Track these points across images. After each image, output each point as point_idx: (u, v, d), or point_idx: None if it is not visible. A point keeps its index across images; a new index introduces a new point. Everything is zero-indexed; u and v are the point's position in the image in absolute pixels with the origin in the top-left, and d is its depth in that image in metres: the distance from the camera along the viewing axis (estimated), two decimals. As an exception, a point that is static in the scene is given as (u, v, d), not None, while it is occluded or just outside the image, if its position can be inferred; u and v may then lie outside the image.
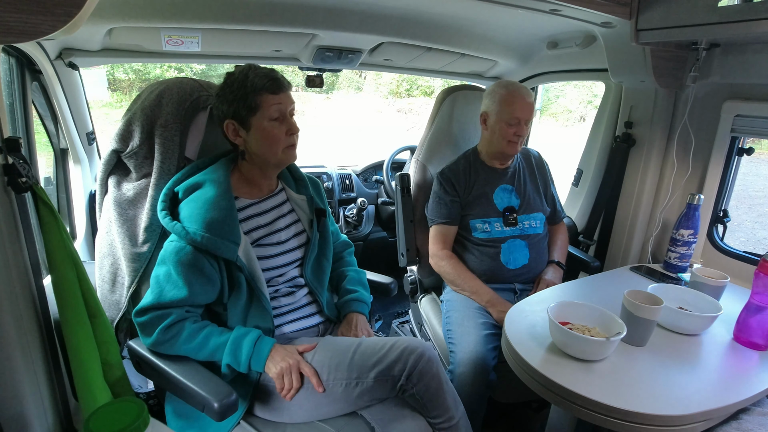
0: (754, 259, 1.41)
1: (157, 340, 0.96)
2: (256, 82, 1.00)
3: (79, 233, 1.64)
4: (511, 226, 1.50)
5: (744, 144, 1.47)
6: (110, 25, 1.36)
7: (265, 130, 1.03)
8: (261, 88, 1.00)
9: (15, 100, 1.27)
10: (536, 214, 1.54)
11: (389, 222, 2.49)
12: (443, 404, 0.98)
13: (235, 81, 1.01)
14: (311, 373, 0.98)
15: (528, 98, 1.44)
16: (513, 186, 1.54)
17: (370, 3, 1.45)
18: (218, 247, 0.97)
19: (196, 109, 1.14)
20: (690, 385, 0.91)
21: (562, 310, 1.06)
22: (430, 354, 0.98)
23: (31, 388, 0.85)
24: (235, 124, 1.03)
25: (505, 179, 1.54)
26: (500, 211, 1.50)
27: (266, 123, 1.02)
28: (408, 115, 10.12)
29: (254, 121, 1.02)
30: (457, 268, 1.48)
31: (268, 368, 0.99)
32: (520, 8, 1.22)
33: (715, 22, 1.07)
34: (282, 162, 1.09)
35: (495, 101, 1.46)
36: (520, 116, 1.42)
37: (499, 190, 1.52)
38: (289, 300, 1.13)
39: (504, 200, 1.52)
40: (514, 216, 1.50)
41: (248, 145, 1.05)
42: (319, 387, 0.96)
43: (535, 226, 1.52)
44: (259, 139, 1.03)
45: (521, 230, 1.50)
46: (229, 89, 1.02)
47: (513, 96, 1.43)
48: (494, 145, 1.49)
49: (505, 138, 1.45)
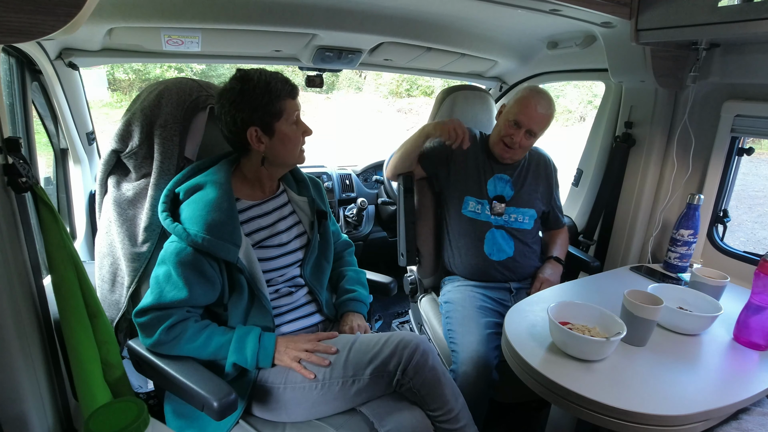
0: (754, 259, 1.41)
1: (159, 341, 0.96)
2: (279, 87, 1.01)
3: (79, 233, 1.64)
4: (496, 215, 1.50)
5: (744, 144, 1.47)
6: (110, 25, 1.36)
7: (287, 134, 1.04)
8: (284, 93, 1.02)
9: (15, 100, 1.27)
10: (527, 210, 1.53)
11: (389, 222, 2.49)
12: (441, 397, 0.99)
13: (256, 87, 0.99)
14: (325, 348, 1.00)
15: (541, 109, 1.41)
16: (511, 177, 1.53)
17: (370, 3, 1.45)
18: (219, 249, 0.97)
19: (196, 109, 1.13)
20: (690, 385, 0.91)
21: (562, 310, 1.06)
22: (425, 347, 0.98)
23: (31, 388, 0.85)
24: (259, 131, 1.02)
25: (505, 169, 1.54)
26: (490, 198, 1.51)
27: (288, 128, 1.04)
28: (408, 115, 10.11)
29: (278, 126, 1.03)
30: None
31: (279, 360, 1.00)
32: (520, 8, 1.22)
33: (715, 22, 1.07)
34: (298, 163, 1.12)
35: (513, 97, 1.48)
36: (521, 120, 1.41)
37: (495, 177, 1.53)
38: (289, 300, 1.13)
39: (497, 188, 1.52)
40: (501, 206, 1.50)
41: (270, 150, 1.05)
42: (324, 361, 0.98)
43: (522, 221, 1.52)
44: (283, 143, 1.05)
45: (506, 222, 1.51)
46: (250, 95, 0.99)
47: (527, 99, 1.42)
48: (493, 138, 1.51)
49: (500, 135, 1.47)
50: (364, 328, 1.16)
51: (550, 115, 1.45)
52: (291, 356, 1.00)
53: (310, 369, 0.98)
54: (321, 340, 1.03)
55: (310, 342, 1.02)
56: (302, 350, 1.00)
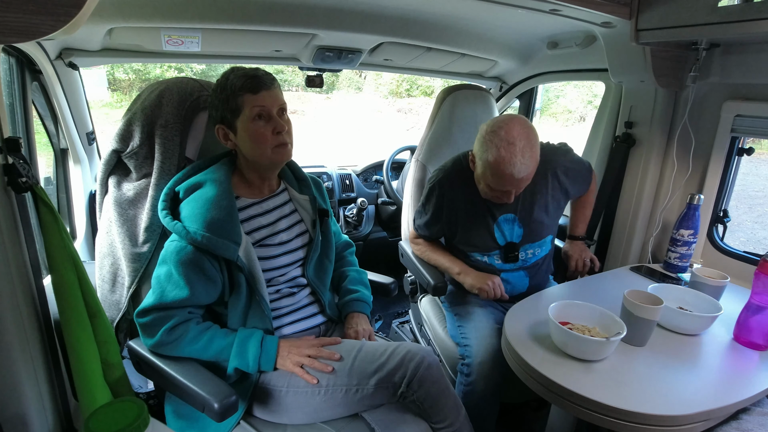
0: (754, 259, 1.41)
1: (161, 341, 0.96)
2: (236, 83, 0.97)
3: (79, 233, 1.64)
4: (511, 262, 1.38)
5: (744, 144, 1.47)
6: (110, 25, 1.36)
7: (249, 130, 0.99)
8: (240, 88, 0.97)
9: (15, 100, 1.27)
10: (542, 241, 1.40)
11: (389, 222, 2.49)
12: (444, 410, 0.98)
13: (218, 85, 1.00)
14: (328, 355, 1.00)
15: (520, 173, 1.15)
16: (516, 215, 1.35)
17: (370, 3, 1.45)
18: (219, 246, 0.96)
19: (197, 109, 1.13)
20: (690, 385, 0.92)
21: (562, 310, 1.06)
22: (430, 360, 0.97)
23: (31, 388, 0.85)
24: (225, 129, 1.03)
25: (508, 207, 1.33)
26: (500, 246, 1.37)
27: (250, 124, 0.99)
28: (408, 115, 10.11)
29: (239, 123, 1.00)
30: (433, 247, 1.48)
31: (282, 364, 0.99)
32: (520, 8, 1.22)
33: (715, 22, 1.07)
34: (275, 162, 1.05)
35: (481, 155, 1.20)
36: (503, 188, 1.22)
37: (501, 220, 1.35)
38: (290, 301, 1.12)
39: (506, 234, 1.36)
40: (515, 254, 1.36)
41: (239, 148, 1.05)
42: (327, 367, 0.98)
43: (538, 254, 1.41)
44: (246, 140, 1.01)
45: (523, 262, 1.39)
46: (214, 94, 1.01)
47: (500, 167, 1.15)
48: (480, 189, 1.30)
49: (485, 194, 1.30)
50: (369, 333, 1.16)
51: (533, 164, 1.18)
52: (293, 361, 0.99)
53: (313, 374, 0.98)
54: (324, 345, 1.03)
55: (313, 347, 1.01)
56: (305, 356, 1.00)
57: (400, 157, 2.51)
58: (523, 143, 1.15)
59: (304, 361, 0.99)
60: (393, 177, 2.50)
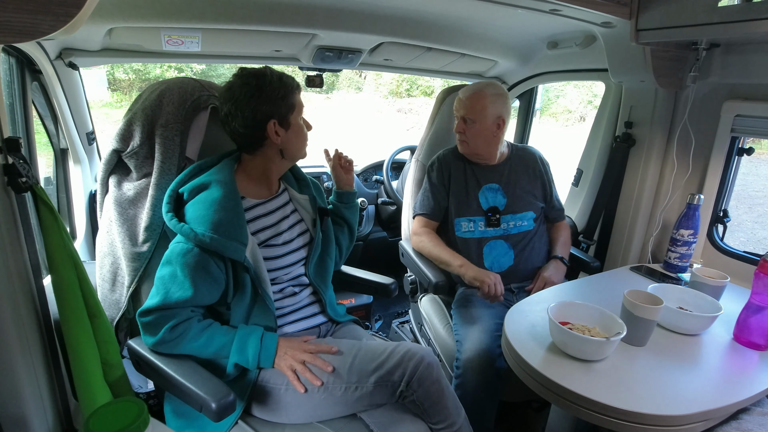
0: (754, 259, 1.41)
1: (162, 339, 0.96)
2: (290, 82, 1.05)
3: (79, 233, 1.64)
4: (493, 227, 1.50)
5: (744, 144, 1.47)
6: (110, 25, 1.36)
7: (299, 127, 1.09)
8: (296, 87, 1.06)
9: (15, 100, 1.27)
10: (524, 214, 1.52)
11: (389, 222, 2.49)
12: (444, 410, 0.98)
13: (272, 81, 1.03)
14: (323, 363, 0.99)
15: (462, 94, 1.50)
16: (500, 185, 1.53)
17: (370, 3, 1.45)
18: (226, 247, 0.97)
19: (197, 109, 1.14)
20: (690, 385, 0.91)
21: (562, 310, 1.06)
22: (430, 359, 0.97)
23: (31, 388, 0.85)
24: (276, 124, 1.04)
25: (493, 177, 1.53)
26: (484, 211, 1.51)
27: (299, 120, 1.09)
28: (408, 115, 10.11)
29: (292, 119, 1.06)
30: (435, 241, 1.52)
31: (277, 364, 1.00)
32: (520, 8, 1.22)
33: (715, 22, 1.07)
34: (303, 157, 1.14)
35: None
36: (456, 112, 1.52)
37: (486, 188, 1.52)
38: (293, 300, 1.13)
39: (489, 200, 1.52)
40: (496, 217, 1.50)
41: (286, 143, 1.07)
42: (328, 366, 0.98)
43: (521, 225, 1.51)
44: (297, 135, 1.09)
45: (504, 230, 1.50)
46: (268, 90, 1.02)
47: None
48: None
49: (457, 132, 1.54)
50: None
51: (473, 97, 1.46)
52: (288, 364, 1.00)
53: (308, 377, 0.98)
54: (321, 352, 1.02)
55: (309, 354, 1.01)
56: (300, 361, 1.00)
57: (400, 157, 2.51)
58: (468, 87, 1.50)
59: (298, 368, 0.99)
60: (393, 177, 2.50)
